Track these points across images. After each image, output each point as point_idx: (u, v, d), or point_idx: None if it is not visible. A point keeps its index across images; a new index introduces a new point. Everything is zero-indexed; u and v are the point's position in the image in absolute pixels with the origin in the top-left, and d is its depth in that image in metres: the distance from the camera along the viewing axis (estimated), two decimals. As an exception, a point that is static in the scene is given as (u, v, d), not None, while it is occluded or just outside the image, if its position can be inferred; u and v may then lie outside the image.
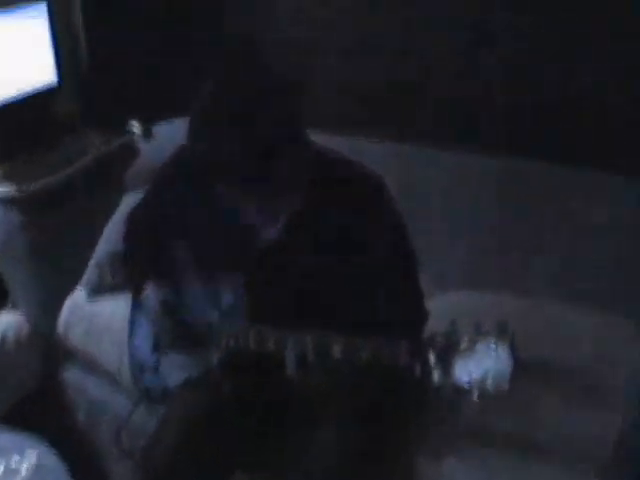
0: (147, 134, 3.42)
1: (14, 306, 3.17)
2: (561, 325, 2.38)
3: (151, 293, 2.17)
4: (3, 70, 3.25)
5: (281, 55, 3.11)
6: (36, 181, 3.07)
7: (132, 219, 2.38)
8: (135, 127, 3.39)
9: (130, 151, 3.35)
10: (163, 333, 2.17)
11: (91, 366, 2.96)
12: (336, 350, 1.82)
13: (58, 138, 3.35)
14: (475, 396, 1.66)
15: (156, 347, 2.25)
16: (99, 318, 2.89)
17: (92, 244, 2.99)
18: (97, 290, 2.94)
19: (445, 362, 1.69)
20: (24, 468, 2.13)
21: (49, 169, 3.15)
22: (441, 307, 2.52)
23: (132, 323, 2.34)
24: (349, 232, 1.98)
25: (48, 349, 3.11)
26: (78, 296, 3.02)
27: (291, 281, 2.03)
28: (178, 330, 2.14)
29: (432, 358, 1.71)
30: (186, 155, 1.92)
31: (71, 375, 3.08)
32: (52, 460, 2.18)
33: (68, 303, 3.03)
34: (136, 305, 2.30)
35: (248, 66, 1.93)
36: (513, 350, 1.66)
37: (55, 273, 3.11)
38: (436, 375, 1.70)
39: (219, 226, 2.06)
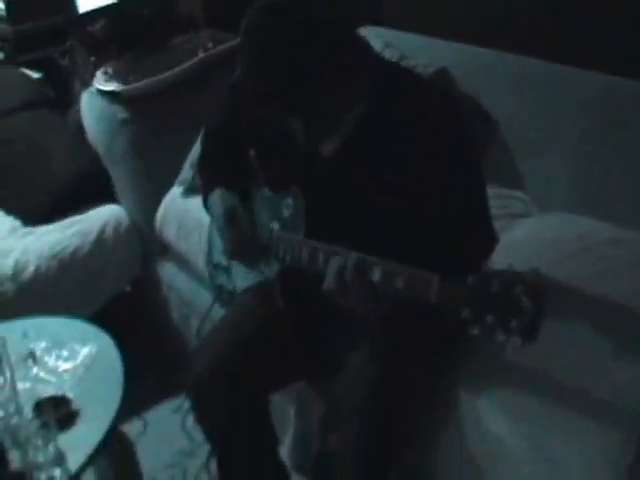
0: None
1: (116, 200, 3.30)
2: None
3: (217, 201, 2.19)
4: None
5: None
6: (142, 79, 3.15)
7: (210, 124, 2.39)
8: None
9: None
10: (227, 240, 2.19)
11: (182, 262, 3.07)
12: (376, 273, 1.77)
13: (172, 37, 3.39)
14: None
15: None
16: (190, 215, 2.97)
17: (191, 143, 3.03)
18: (191, 189, 3.01)
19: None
20: (81, 356, 2.24)
21: (157, 68, 3.21)
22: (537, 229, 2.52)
23: (211, 222, 2.38)
24: (413, 149, 1.88)
25: (145, 243, 3.25)
26: (175, 193, 3.12)
27: (348, 199, 1.99)
28: (237, 244, 2.16)
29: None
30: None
31: (165, 270, 3.22)
32: (111, 352, 2.25)
33: (166, 199, 3.14)
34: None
35: None
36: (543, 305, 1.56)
37: (155, 170, 3.20)
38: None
39: (281, 140, 2.03)
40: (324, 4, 1.79)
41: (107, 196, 3.29)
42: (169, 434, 2.86)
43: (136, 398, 2.60)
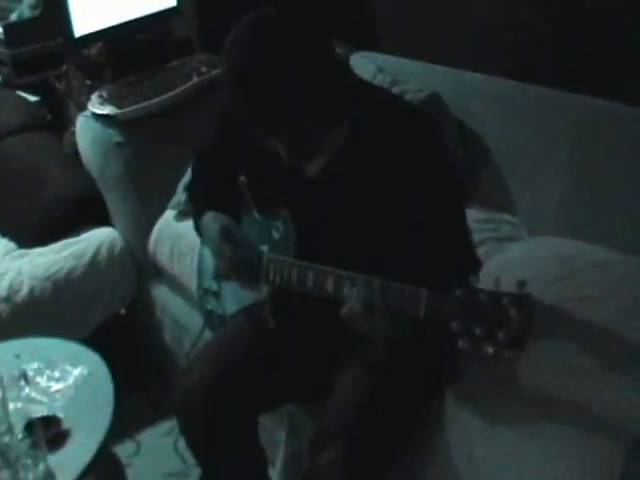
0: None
1: (111, 223, 3.31)
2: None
3: (210, 222, 2.21)
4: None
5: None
6: (137, 103, 3.19)
7: (199, 151, 2.43)
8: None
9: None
10: (221, 259, 2.19)
11: (175, 284, 3.10)
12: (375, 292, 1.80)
13: (167, 61, 3.43)
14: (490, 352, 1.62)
15: (217, 272, 2.33)
16: (183, 238, 2.99)
17: (184, 167, 3.00)
18: (184, 212, 3.03)
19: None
20: (73, 377, 2.25)
21: (152, 92, 3.24)
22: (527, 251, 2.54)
23: (202, 247, 2.43)
24: (394, 172, 1.92)
25: (139, 266, 3.27)
26: (168, 216, 3.15)
27: (334, 219, 2.02)
28: (234, 260, 2.16)
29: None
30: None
31: (159, 293, 3.24)
32: (102, 373, 2.26)
33: (159, 222, 3.17)
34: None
35: None
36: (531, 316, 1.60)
37: (148, 193, 3.22)
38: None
39: (268, 162, 2.06)
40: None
41: (101, 219, 3.31)
42: (161, 456, 2.89)
43: (129, 420, 2.64)
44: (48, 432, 1.99)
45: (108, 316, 3.21)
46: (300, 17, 1.83)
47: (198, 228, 2.28)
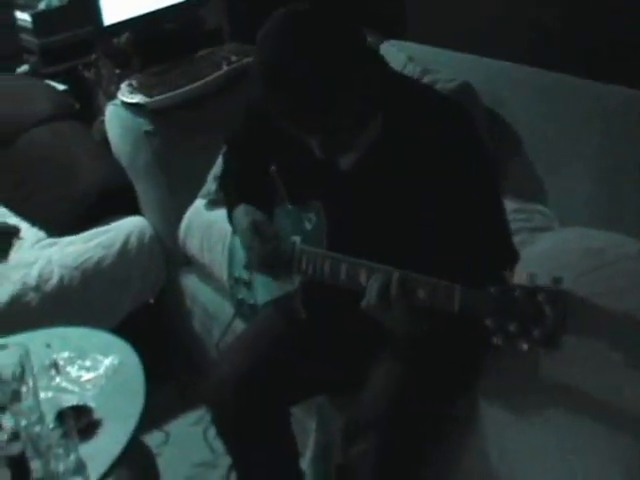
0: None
1: (140, 212, 3.32)
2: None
3: (242, 214, 2.20)
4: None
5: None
6: (167, 92, 3.18)
7: (230, 140, 2.42)
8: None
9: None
10: (252, 253, 2.19)
11: (206, 273, 3.09)
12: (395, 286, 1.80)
13: (196, 50, 3.42)
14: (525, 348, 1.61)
15: (248, 264, 2.32)
16: (213, 227, 2.99)
17: (214, 156, 3.03)
18: (214, 201, 3.03)
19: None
20: (104, 366, 2.25)
21: (182, 80, 3.24)
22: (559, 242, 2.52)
23: (232, 237, 2.42)
24: (429, 165, 1.90)
25: (169, 255, 3.28)
26: (198, 205, 3.15)
27: (367, 212, 2.00)
28: (263, 255, 2.16)
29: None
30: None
31: (189, 282, 3.24)
32: (133, 362, 2.26)
33: (189, 211, 3.17)
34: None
35: None
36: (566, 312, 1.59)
37: (178, 182, 3.22)
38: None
39: (301, 155, 2.03)
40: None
41: (131, 208, 3.31)
42: (190, 445, 2.88)
43: (158, 409, 2.62)
44: (79, 422, 1.99)
45: (137, 305, 3.21)
46: (332, 11, 1.80)
47: (231, 219, 2.28)
